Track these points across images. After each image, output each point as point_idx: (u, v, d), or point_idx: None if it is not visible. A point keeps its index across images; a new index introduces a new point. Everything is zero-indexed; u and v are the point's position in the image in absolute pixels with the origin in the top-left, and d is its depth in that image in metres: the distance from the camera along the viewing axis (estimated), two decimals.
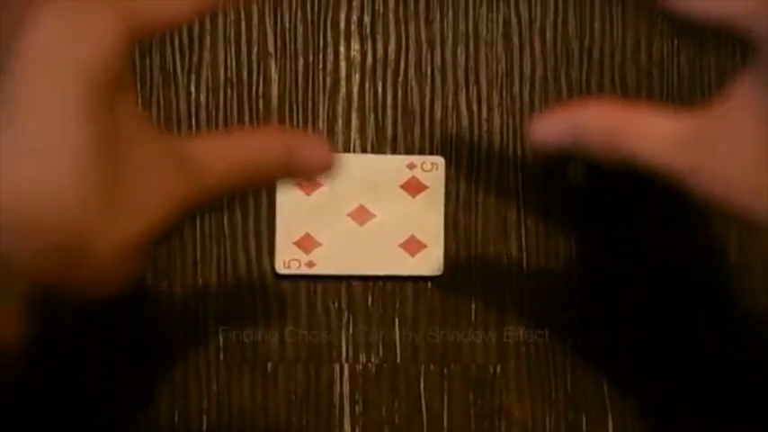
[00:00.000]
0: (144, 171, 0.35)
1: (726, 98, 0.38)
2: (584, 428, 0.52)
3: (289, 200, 0.51)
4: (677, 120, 0.39)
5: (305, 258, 0.51)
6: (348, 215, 0.52)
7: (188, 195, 0.36)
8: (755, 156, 0.37)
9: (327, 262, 0.52)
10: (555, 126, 0.41)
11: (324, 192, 0.51)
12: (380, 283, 0.52)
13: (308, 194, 0.51)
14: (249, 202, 0.52)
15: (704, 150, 0.38)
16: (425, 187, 0.52)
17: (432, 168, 0.52)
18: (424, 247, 0.52)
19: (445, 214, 0.52)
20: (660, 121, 0.39)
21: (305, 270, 0.51)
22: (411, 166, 0.52)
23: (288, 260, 0.51)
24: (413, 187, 0.52)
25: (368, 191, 0.52)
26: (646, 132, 0.39)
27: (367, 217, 0.52)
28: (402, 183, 0.52)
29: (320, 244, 0.52)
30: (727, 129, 0.38)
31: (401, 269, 0.52)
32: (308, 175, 0.39)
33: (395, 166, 0.52)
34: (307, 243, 0.51)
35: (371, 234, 0.52)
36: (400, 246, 0.52)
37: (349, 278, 0.52)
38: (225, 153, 0.37)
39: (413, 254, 0.52)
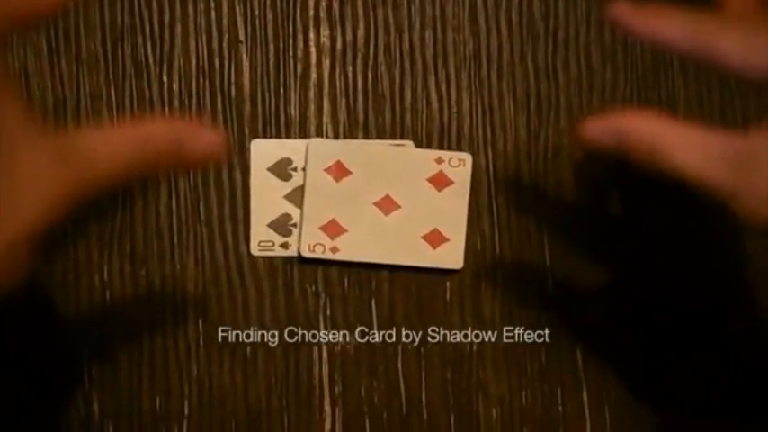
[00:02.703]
0: (20, 166, 0.35)
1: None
2: (559, 402, 0.53)
3: (317, 185, 0.52)
4: (720, 138, 0.40)
5: (329, 243, 0.52)
6: (374, 204, 0.53)
7: (73, 188, 0.36)
8: None
9: (351, 248, 0.52)
10: (601, 129, 0.42)
11: (352, 180, 0.52)
12: (355, 268, 0.53)
13: (336, 181, 0.52)
14: (224, 186, 0.52)
15: (748, 171, 0.39)
16: (452, 182, 0.53)
17: (459, 164, 0.53)
18: (447, 240, 0.53)
19: None
20: (704, 138, 0.40)
21: (329, 255, 0.52)
22: (439, 161, 0.53)
23: (313, 244, 0.52)
24: (439, 181, 0.53)
25: (395, 182, 0.53)
26: (689, 146, 0.40)
27: (393, 207, 0.53)
28: (429, 176, 0.53)
29: (345, 230, 0.52)
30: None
31: (422, 260, 0.53)
32: (197, 163, 0.39)
33: (423, 159, 0.53)
34: (332, 228, 0.52)
35: (396, 224, 0.53)
36: (423, 238, 0.53)
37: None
38: (111, 144, 0.37)
39: (435, 246, 0.53)
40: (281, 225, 0.53)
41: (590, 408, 0.53)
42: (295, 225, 0.53)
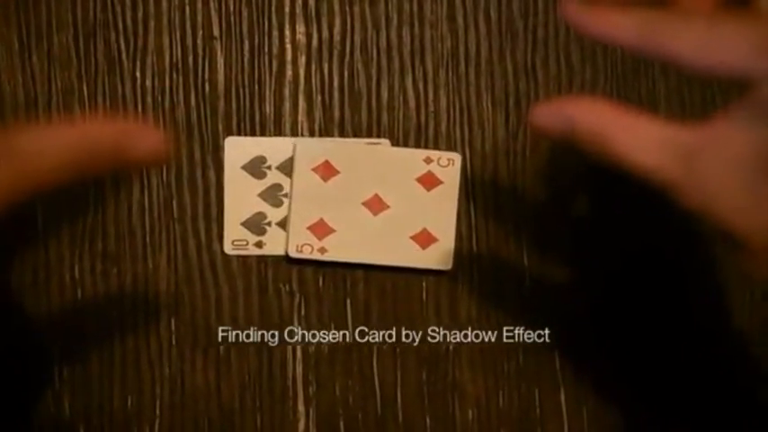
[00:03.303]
0: None
1: (723, 117, 0.39)
2: (536, 403, 0.53)
3: (305, 185, 0.52)
4: (671, 129, 0.39)
5: (317, 244, 0.52)
6: (363, 204, 0.52)
7: (12, 185, 0.36)
8: (743, 178, 0.38)
9: (339, 249, 0.52)
10: (551, 115, 0.41)
11: (341, 179, 0.52)
12: (330, 267, 0.53)
13: (324, 181, 0.52)
14: (198, 184, 0.52)
15: (693, 163, 0.38)
16: (441, 182, 0.52)
17: (448, 164, 0.52)
18: (436, 240, 0.52)
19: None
20: (654, 128, 0.39)
21: (317, 256, 0.52)
22: (428, 161, 0.52)
23: (301, 245, 0.51)
24: (428, 181, 0.52)
25: (384, 182, 0.52)
26: (637, 137, 0.39)
27: (381, 207, 0.52)
28: (418, 176, 0.52)
29: (333, 230, 0.52)
30: (721, 147, 0.38)
31: (411, 261, 0.52)
32: (139, 164, 0.39)
33: (412, 159, 0.52)
34: (320, 229, 0.52)
35: (384, 224, 0.52)
36: (412, 238, 0.52)
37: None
38: (53, 142, 0.38)
39: (424, 247, 0.52)
40: (255, 224, 0.52)
41: (567, 408, 0.53)
42: (269, 224, 0.52)
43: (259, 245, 0.52)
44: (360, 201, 0.52)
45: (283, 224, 0.52)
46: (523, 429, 0.53)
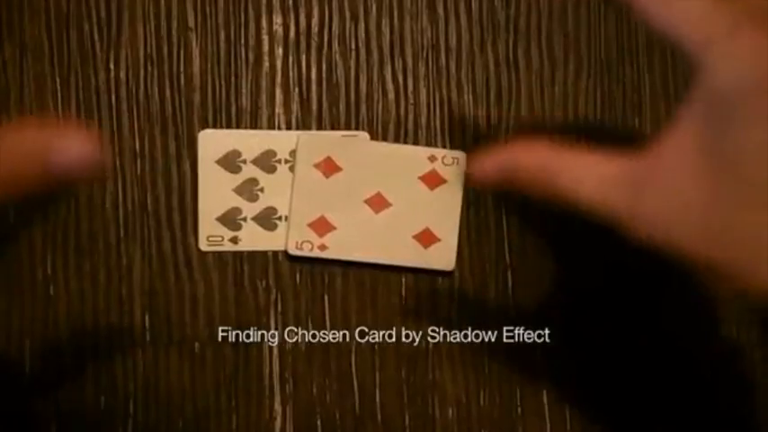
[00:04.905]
0: None
1: (661, 139, 0.38)
2: (518, 402, 0.52)
3: (306, 181, 0.51)
4: (612, 162, 0.39)
5: (318, 241, 0.51)
6: (365, 202, 0.51)
7: None
8: (693, 193, 0.37)
9: (340, 247, 0.51)
10: (491, 166, 0.41)
11: (342, 176, 0.51)
12: (307, 262, 0.52)
13: (326, 177, 0.51)
14: (173, 178, 0.51)
15: (640, 192, 0.38)
16: (444, 181, 0.52)
17: (452, 162, 0.52)
18: (438, 240, 0.51)
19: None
20: (595, 163, 0.39)
21: (317, 253, 0.51)
22: (432, 159, 0.51)
23: (300, 242, 0.51)
24: (432, 180, 0.51)
25: (387, 179, 0.51)
26: (580, 174, 0.39)
27: (383, 205, 0.51)
28: (421, 174, 0.51)
29: (334, 228, 0.51)
30: (664, 168, 0.38)
31: (413, 260, 0.51)
32: (70, 175, 0.35)
33: (416, 157, 0.52)
34: (321, 226, 0.51)
35: (386, 223, 0.51)
36: (414, 237, 0.51)
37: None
38: None
39: (426, 246, 0.51)
40: (230, 219, 0.51)
41: (550, 408, 0.52)
42: (245, 219, 0.51)
43: (234, 240, 0.51)
44: (362, 198, 0.51)
45: (258, 219, 0.51)
46: (505, 429, 0.52)
